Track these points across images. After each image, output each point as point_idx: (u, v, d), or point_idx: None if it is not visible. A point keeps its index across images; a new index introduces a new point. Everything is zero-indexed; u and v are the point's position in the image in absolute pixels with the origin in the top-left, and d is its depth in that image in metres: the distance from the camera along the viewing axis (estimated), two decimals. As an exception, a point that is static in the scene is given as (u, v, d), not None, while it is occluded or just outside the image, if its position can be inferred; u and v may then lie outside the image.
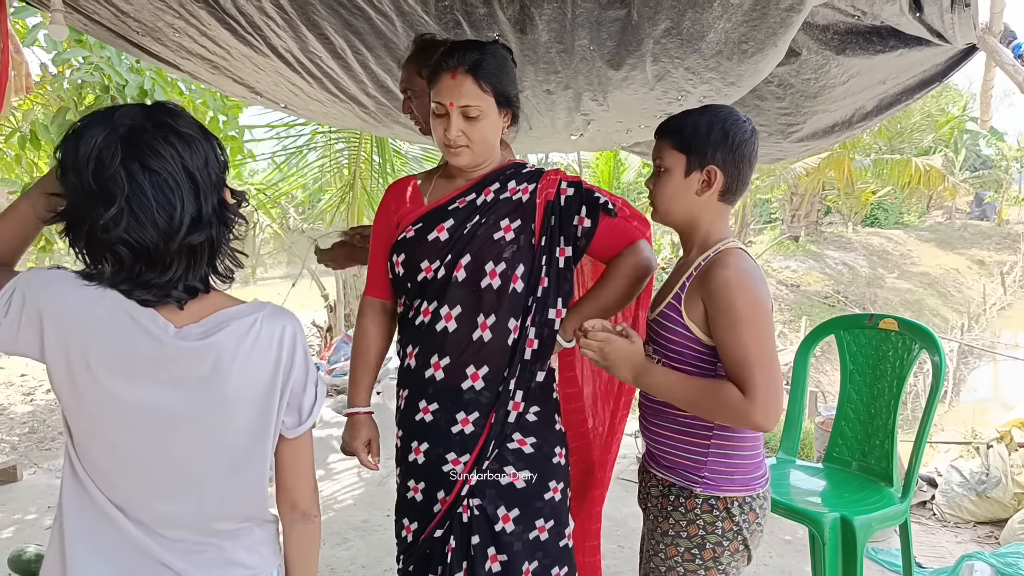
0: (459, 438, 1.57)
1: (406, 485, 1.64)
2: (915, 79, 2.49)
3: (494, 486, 1.58)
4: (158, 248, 0.97)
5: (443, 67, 1.52)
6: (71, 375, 1.00)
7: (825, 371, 13.62)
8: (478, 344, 1.54)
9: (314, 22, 1.97)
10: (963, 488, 3.51)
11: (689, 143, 1.41)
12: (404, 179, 1.74)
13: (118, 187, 0.95)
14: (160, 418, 1.02)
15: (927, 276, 21.66)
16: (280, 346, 1.06)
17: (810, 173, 18.20)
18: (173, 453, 1.03)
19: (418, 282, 1.57)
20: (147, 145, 0.97)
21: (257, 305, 1.08)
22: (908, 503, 2.27)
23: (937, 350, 2.28)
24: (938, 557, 3.09)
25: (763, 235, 24.12)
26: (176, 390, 1.01)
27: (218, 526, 1.08)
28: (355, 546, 3.20)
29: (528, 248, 1.56)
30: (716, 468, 1.44)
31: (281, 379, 1.07)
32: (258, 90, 2.90)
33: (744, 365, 1.30)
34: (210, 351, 1.01)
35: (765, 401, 1.28)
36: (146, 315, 1.00)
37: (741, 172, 1.43)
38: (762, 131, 2.93)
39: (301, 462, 1.14)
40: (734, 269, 1.34)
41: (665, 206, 1.47)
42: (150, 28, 2.23)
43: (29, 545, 2.99)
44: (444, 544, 1.57)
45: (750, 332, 1.30)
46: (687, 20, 1.73)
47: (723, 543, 1.44)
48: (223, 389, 1.02)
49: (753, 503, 1.45)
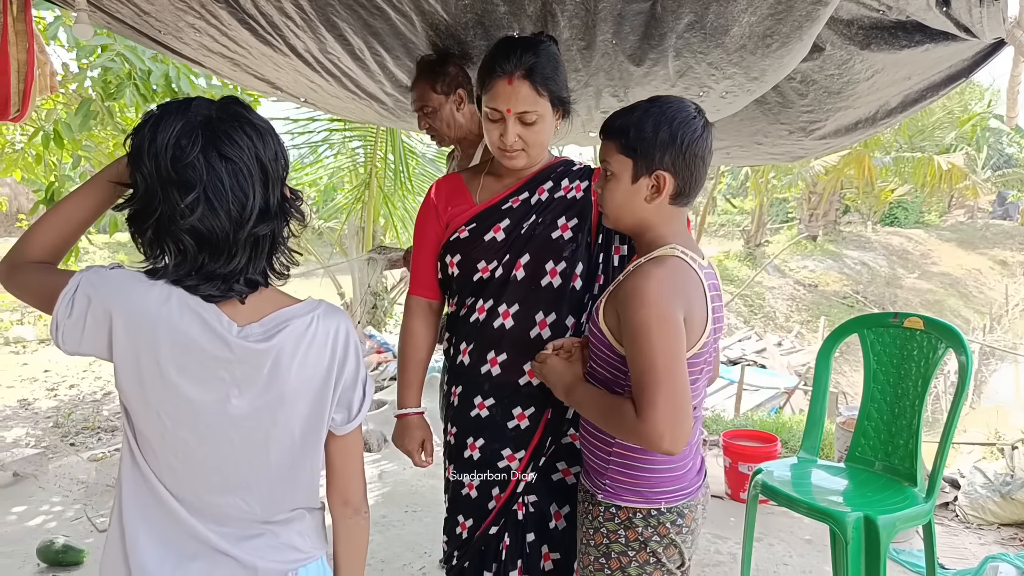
0: (515, 433, 1.58)
1: (461, 482, 1.64)
2: (941, 75, 2.46)
3: (547, 483, 1.59)
4: (227, 237, 0.99)
5: (498, 72, 1.48)
6: (140, 374, 1.00)
7: (843, 372, 13.49)
8: (536, 341, 1.54)
9: (333, 23, 1.97)
10: (987, 489, 3.47)
11: (635, 147, 1.31)
12: (448, 177, 1.74)
13: (196, 174, 0.96)
14: (224, 417, 1.03)
15: (948, 276, 21.39)
16: (335, 344, 1.08)
17: (829, 171, 18.03)
18: (235, 451, 1.05)
19: (474, 281, 1.58)
20: (224, 134, 0.98)
21: (312, 303, 1.10)
22: (932, 503, 2.25)
23: (964, 349, 2.25)
24: (961, 559, 3.06)
25: (780, 234, 23.94)
26: (239, 389, 1.03)
27: (274, 515, 1.10)
28: (375, 541, 3.21)
29: (586, 246, 1.57)
30: (616, 477, 1.38)
31: (335, 376, 1.09)
32: (278, 86, 2.92)
33: (641, 381, 1.22)
34: (271, 352, 1.03)
35: (659, 422, 1.19)
36: (211, 313, 1.01)
37: (694, 173, 1.33)
38: (783, 128, 2.90)
39: (351, 458, 1.16)
40: (651, 279, 1.26)
41: (614, 212, 1.38)
42: (172, 27, 2.25)
43: (57, 536, 3.05)
44: (499, 541, 1.58)
45: (651, 348, 1.21)
46: (711, 13, 1.71)
47: (628, 553, 1.37)
48: (282, 388, 1.04)
49: (662, 517, 1.35)
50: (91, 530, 3.33)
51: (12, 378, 7.95)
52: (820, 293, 19.33)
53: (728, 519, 3.48)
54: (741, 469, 3.67)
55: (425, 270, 1.69)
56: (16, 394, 7.42)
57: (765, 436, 3.97)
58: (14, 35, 3.13)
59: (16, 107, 3.31)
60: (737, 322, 16.65)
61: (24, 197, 14.43)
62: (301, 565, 1.12)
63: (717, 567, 2.99)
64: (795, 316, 18.19)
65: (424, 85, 2.09)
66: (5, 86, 3.23)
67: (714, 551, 3.11)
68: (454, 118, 2.12)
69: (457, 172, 1.75)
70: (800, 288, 19.48)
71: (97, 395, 7.32)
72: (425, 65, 2.09)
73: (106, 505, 3.60)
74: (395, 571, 2.94)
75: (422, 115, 2.14)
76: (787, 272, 20.08)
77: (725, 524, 3.41)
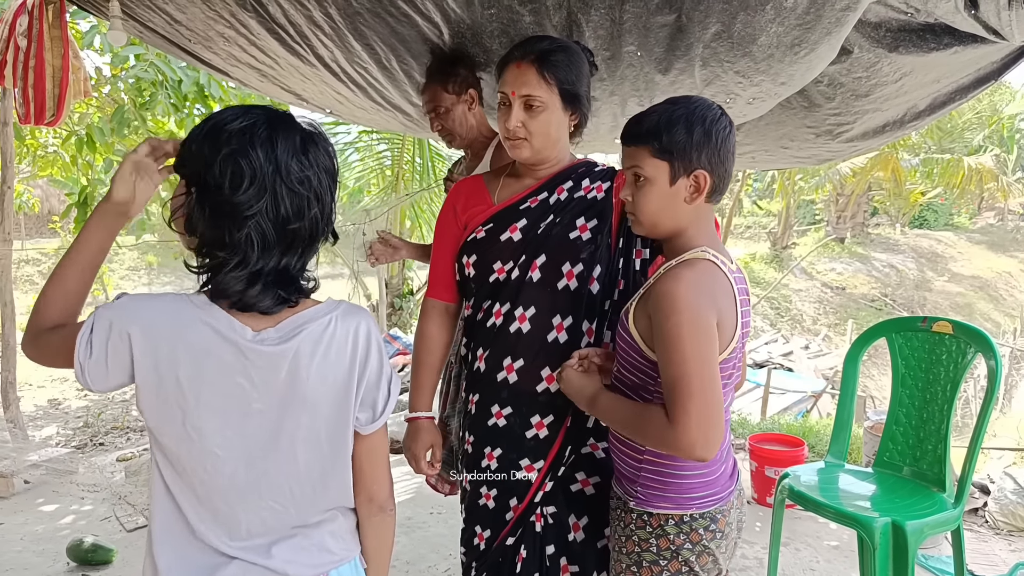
0: (533, 443, 1.54)
1: (478, 492, 1.61)
2: (970, 77, 2.44)
3: (567, 493, 1.56)
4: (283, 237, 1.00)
5: (511, 58, 1.51)
6: (162, 390, 1.01)
7: (872, 375, 13.31)
8: (553, 346, 1.51)
9: (360, 31, 2.00)
10: (1017, 495, 3.41)
11: (671, 148, 1.29)
12: (470, 179, 1.73)
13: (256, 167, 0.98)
14: (248, 423, 1.04)
15: (978, 279, 20.98)
16: (355, 344, 1.08)
17: (856, 173, 17.79)
18: (264, 457, 1.05)
19: (490, 283, 1.56)
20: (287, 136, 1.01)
21: (331, 304, 1.10)
22: (961, 509, 2.23)
23: (993, 354, 2.23)
24: (991, 565, 3.02)
25: (807, 236, 23.65)
26: (259, 393, 1.03)
27: (307, 518, 1.11)
28: (400, 542, 3.25)
29: (606, 249, 1.53)
30: (648, 484, 1.36)
31: (356, 376, 1.09)
32: (304, 97, 2.97)
33: (673, 387, 1.21)
34: (286, 355, 1.03)
35: (692, 428, 1.18)
36: (223, 322, 1.01)
37: (727, 168, 1.34)
38: (809, 132, 2.89)
39: (377, 457, 1.17)
40: (683, 283, 1.24)
41: (652, 219, 1.35)
42: (202, 37, 2.30)
43: (87, 535, 3.11)
44: (515, 553, 1.55)
45: (684, 353, 1.20)
46: (738, 23, 1.71)
47: (660, 562, 1.35)
48: (303, 391, 1.04)
49: (694, 523, 1.34)
50: (120, 529, 3.40)
51: (43, 378, 8.12)
52: (848, 296, 19.08)
53: (754, 524, 3.47)
54: (767, 473, 3.65)
55: (443, 272, 1.67)
56: (47, 394, 7.58)
57: (792, 440, 3.94)
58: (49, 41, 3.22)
59: (51, 111, 3.41)
60: (764, 325, 16.48)
61: (56, 199, 14.71)
62: (333, 567, 1.12)
63: (744, 572, 2.98)
64: (822, 319, 17.97)
65: (436, 86, 2.12)
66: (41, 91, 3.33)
67: (740, 556, 3.11)
68: (466, 118, 2.15)
69: (479, 175, 1.73)
70: (827, 291, 19.24)
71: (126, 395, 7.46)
72: (436, 66, 2.12)
73: (134, 505, 3.68)
74: (420, 572, 2.97)
75: (435, 116, 2.17)
76: (814, 275, 19.84)
77: (751, 529, 3.40)
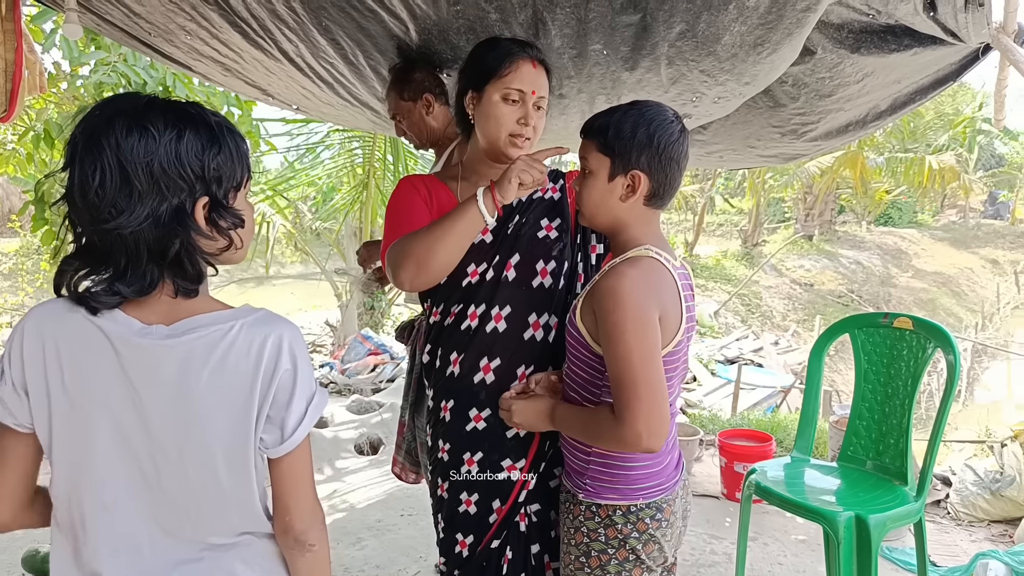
0: (514, 442, 1.55)
1: (458, 499, 1.58)
2: (929, 78, 2.49)
3: (547, 489, 1.57)
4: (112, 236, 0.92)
5: (524, 54, 1.51)
6: (48, 400, 0.94)
7: (839, 371, 13.56)
8: (529, 343, 1.54)
9: (326, 26, 1.98)
10: (977, 487, 3.50)
11: (613, 146, 1.35)
12: (426, 177, 1.69)
13: (90, 159, 0.91)
14: (136, 429, 0.95)
15: (941, 275, 21.50)
16: (260, 355, 0.96)
17: (824, 172, 18.12)
18: (155, 466, 0.96)
19: (463, 287, 1.55)
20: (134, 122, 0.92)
21: (244, 311, 0.99)
22: (923, 501, 2.27)
23: (952, 349, 2.28)
24: (952, 556, 3.09)
25: (777, 234, 24.02)
26: (140, 395, 0.94)
27: (212, 540, 1.01)
28: (369, 545, 3.22)
29: (570, 246, 1.59)
30: (596, 476, 1.40)
31: (260, 392, 0.96)
32: (270, 92, 2.92)
33: (619, 382, 1.25)
34: (173, 353, 0.94)
35: (637, 421, 1.23)
36: (107, 318, 0.94)
37: (668, 175, 1.37)
38: (775, 131, 2.93)
39: (290, 484, 1.02)
40: (626, 279, 1.28)
41: (590, 210, 1.41)
42: (162, 30, 2.25)
43: (43, 544, 3.02)
44: (500, 555, 1.54)
45: (627, 348, 1.24)
46: (702, 23, 1.73)
47: (608, 551, 1.39)
48: (192, 400, 0.94)
49: (641, 513, 1.37)
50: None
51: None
52: (816, 292, 19.41)
53: (724, 519, 3.51)
54: (736, 469, 3.70)
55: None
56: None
57: (760, 436, 3.99)
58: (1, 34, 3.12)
59: (2, 107, 3.31)
60: (735, 321, 16.70)
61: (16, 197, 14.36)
62: None
63: (712, 567, 3.01)
64: (792, 315, 18.26)
65: (391, 94, 2.17)
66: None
67: (709, 551, 3.14)
68: (424, 123, 2.17)
69: (431, 175, 1.71)
70: (796, 287, 19.55)
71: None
72: (392, 74, 2.17)
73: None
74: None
75: (396, 122, 2.23)
76: (784, 271, 20.15)
77: (720, 524, 3.44)
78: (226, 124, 0.99)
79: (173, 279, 0.96)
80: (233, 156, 0.98)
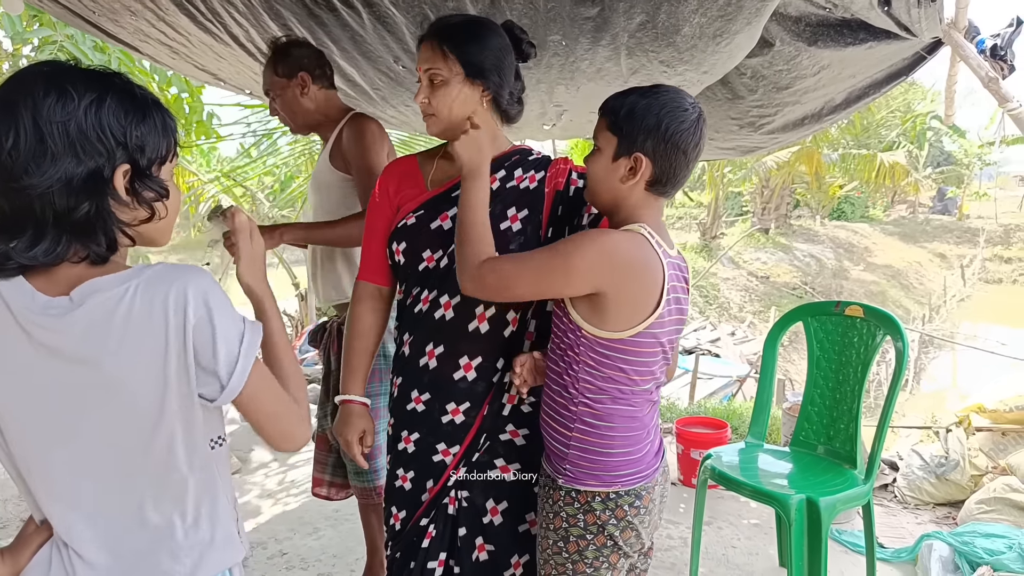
0: (449, 428, 1.55)
1: (395, 473, 1.61)
2: (883, 72, 2.55)
3: (484, 480, 1.57)
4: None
5: (422, 37, 1.52)
6: None
7: (793, 360, 13.88)
8: (474, 335, 1.52)
9: (277, 12, 1.93)
10: (923, 471, 3.62)
11: (621, 126, 1.35)
12: (403, 160, 1.69)
13: None
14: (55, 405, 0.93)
15: (891, 268, 22.18)
16: (164, 313, 0.90)
17: (781, 167, 18.50)
18: (81, 459, 0.94)
19: (419, 271, 1.55)
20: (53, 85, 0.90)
21: (137, 270, 0.93)
22: (871, 485, 2.34)
23: (900, 336, 2.34)
24: (899, 537, 3.19)
25: (735, 227, 24.44)
26: (57, 372, 0.91)
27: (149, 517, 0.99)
28: (326, 535, 3.19)
29: (535, 239, 1.53)
30: (576, 462, 1.40)
31: (174, 350, 0.91)
32: (221, 77, 2.85)
33: (520, 256, 1.38)
34: (76, 324, 0.90)
35: (465, 274, 1.37)
36: (11, 285, 0.91)
37: (673, 163, 1.35)
38: (733, 123, 2.97)
39: (254, 417, 1.01)
40: (606, 234, 1.33)
41: (593, 187, 1.42)
42: (106, 9, 2.17)
43: None
44: (426, 533, 1.56)
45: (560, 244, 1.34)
46: (662, 14, 1.74)
47: (586, 536, 1.40)
48: (103, 368, 0.91)
49: (619, 500, 1.38)
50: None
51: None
52: (772, 284, 19.84)
53: (679, 505, 3.56)
54: (693, 455, 3.76)
55: (375, 255, 1.65)
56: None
57: (716, 423, 4.06)
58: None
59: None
60: (693, 312, 16.97)
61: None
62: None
63: (668, 552, 3.06)
64: (748, 306, 18.64)
65: (267, 68, 2.05)
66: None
67: (666, 536, 3.19)
68: (298, 102, 2.06)
69: (413, 155, 1.70)
70: (753, 279, 19.96)
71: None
72: (271, 48, 2.05)
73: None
74: (347, 565, 2.92)
75: (270, 100, 2.10)
76: (741, 264, 20.54)
77: (675, 510, 3.49)
78: (152, 97, 0.97)
79: (85, 246, 0.92)
80: (158, 128, 0.97)
